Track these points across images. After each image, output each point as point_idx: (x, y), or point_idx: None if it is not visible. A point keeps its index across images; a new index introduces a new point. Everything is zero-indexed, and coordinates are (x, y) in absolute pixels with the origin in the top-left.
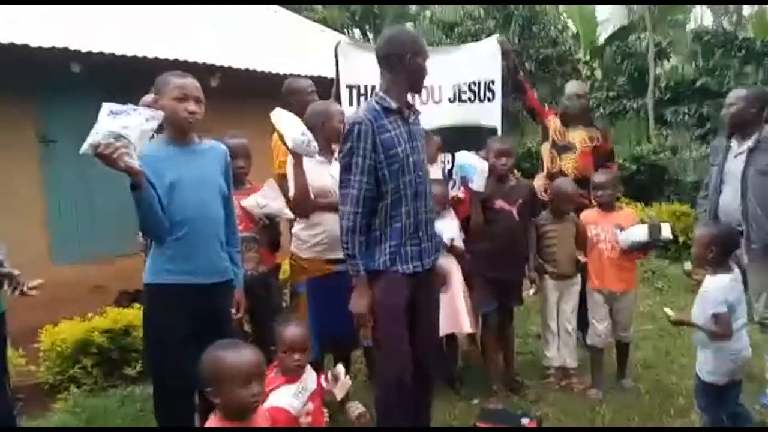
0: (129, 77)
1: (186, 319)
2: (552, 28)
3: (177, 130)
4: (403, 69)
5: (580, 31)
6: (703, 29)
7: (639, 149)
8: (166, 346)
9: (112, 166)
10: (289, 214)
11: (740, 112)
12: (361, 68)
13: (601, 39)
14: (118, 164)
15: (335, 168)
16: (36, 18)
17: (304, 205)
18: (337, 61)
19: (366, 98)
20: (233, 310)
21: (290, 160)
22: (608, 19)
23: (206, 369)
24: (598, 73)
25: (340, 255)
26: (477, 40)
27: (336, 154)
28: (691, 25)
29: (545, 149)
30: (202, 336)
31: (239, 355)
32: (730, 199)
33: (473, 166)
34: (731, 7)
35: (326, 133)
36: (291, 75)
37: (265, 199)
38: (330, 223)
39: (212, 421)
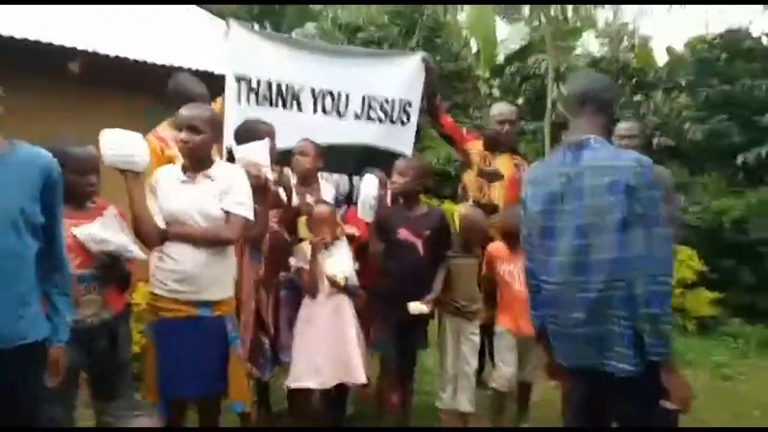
0: None
1: None
2: (455, 42)
3: None
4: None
5: (480, 49)
6: (596, 57)
7: None
8: None
9: None
10: (137, 253)
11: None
12: (256, 58)
13: (501, 58)
14: None
15: (204, 189)
16: None
17: (142, 232)
18: None
19: (257, 95)
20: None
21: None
22: (509, 38)
23: None
24: (497, 92)
25: (198, 296)
26: (380, 47)
27: (208, 172)
28: (577, 51)
29: (469, 177)
30: None
31: None
32: None
33: (362, 192)
34: (623, 35)
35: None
36: (172, 67)
37: (104, 230)
38: (183, 256)
39: None
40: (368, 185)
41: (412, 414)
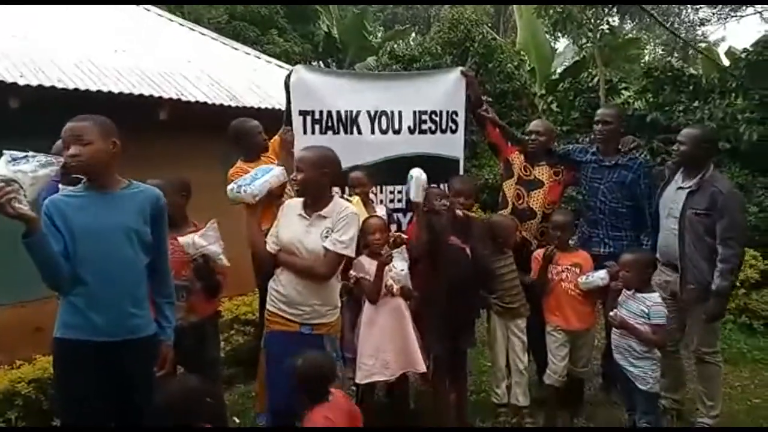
0: (71, 112)
1: (89, 377)
2: (508, 64)
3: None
4: None
5: (535, 66)
6: (652, 66)
7: None
8: (70, 405)
9: (1, 212)
10: (225, 262)
11: (690, 152)
12: (317, 93)
13: (558, 72)
14: (6, 209)
15: (315, 226)
16: None
17: (257, 256)
18: (287, 88)
19: (320, 125)
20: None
21: None
22: (563, 52)
23: None
24: (554, 107)
25: (298, 318)
26: None
27: (323, 212)
28: (646, 58)
29: (509, 186)
30: (113, 395)
31: None
32: (670, 233)
33: (411, 175)
34: (680, 44)
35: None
36: (245, 107)
37: (203, 239)
38: (287, 282)
39: None
40: (417, 171)
41: (471, 410)
